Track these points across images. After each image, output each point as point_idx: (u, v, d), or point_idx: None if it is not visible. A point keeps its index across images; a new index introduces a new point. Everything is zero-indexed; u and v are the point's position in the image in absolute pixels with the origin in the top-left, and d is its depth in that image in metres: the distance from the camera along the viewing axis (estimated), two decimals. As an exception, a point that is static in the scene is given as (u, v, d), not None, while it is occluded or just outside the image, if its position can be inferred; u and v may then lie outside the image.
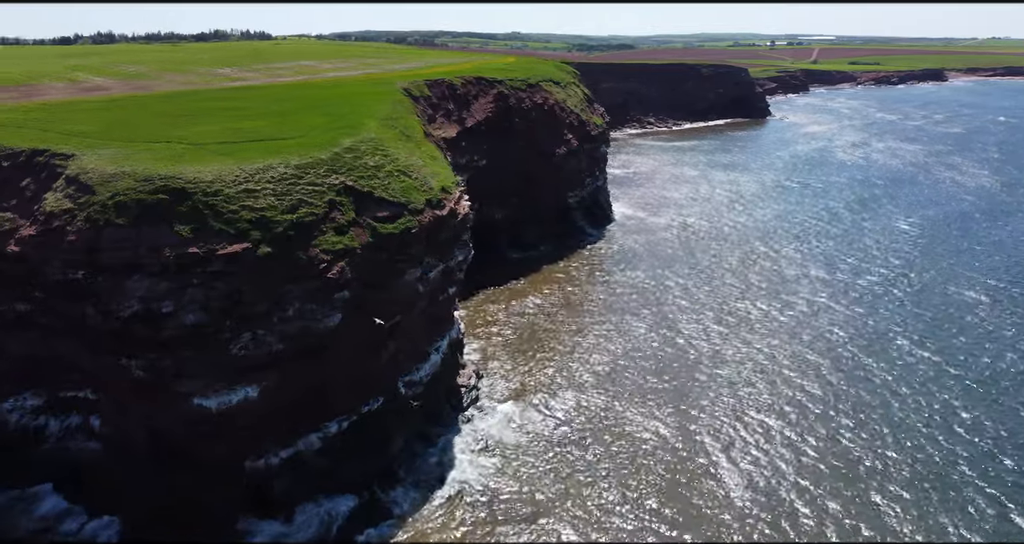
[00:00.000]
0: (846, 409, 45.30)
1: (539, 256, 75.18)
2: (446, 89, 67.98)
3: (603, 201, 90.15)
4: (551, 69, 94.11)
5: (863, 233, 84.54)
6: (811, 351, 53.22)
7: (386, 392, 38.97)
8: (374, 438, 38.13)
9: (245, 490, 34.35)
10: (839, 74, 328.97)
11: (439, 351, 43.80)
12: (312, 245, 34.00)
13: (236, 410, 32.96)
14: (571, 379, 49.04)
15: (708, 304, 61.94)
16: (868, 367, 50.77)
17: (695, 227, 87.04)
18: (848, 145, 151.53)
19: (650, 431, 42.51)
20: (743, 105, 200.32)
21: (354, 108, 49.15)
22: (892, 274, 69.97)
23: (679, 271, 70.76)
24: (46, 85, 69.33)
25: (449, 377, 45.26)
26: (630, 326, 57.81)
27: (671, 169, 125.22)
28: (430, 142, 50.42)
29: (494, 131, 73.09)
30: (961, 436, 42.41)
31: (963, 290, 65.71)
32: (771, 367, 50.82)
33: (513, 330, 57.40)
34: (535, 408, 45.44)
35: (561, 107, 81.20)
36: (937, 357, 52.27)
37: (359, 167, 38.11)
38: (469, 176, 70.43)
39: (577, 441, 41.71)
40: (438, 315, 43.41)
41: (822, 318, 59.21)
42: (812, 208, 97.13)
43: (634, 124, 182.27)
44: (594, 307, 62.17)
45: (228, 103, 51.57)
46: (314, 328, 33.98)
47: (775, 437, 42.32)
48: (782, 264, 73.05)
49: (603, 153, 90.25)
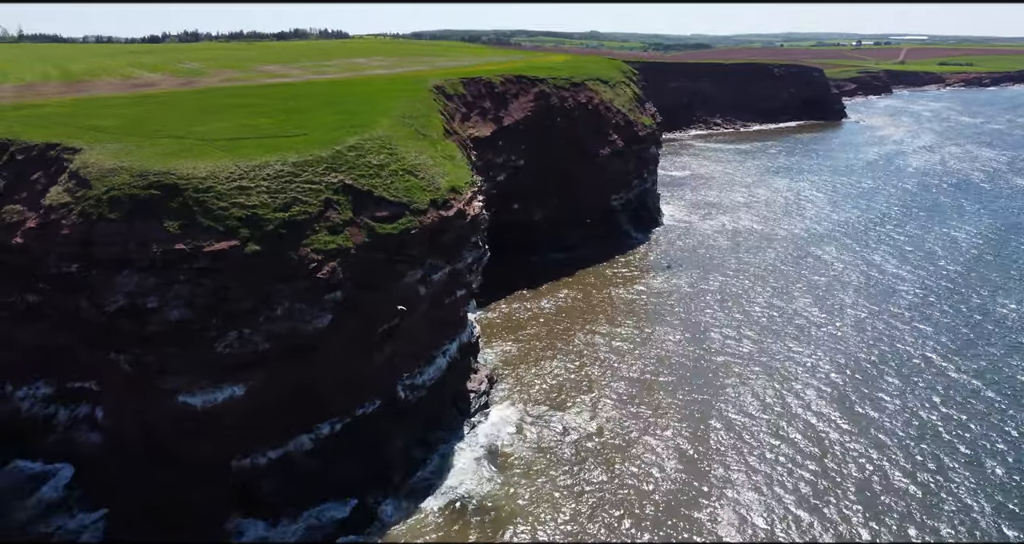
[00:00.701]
0: (892, 456, 42.20)
1: (579, 258, 73.38)
2: (483, 87, 67.00)
3: (651, 204, 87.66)
4: (602, 68, 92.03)
5: (924, 242, 79.64)
6: (854, 382, 49.95)
7: (383, 395, 38.19)
8: (369, 442, 37.40)
9: (232, 490, 34.04)
10: (926, 75, 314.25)
11: (446, 355, 42.80)
12: (303, 244, 33.45)
13: (222, 408, 32.67)
14: (590, 390, 47.27)
15: (746, 317, 58.91)
16: (917, 397, 47.31)
17: (745, 233, 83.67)
18: (921, 149, 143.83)
19: (666, 455, 39.81)
20: (816, 106, 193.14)
21: (372, 105, 48.62)
22: (944, 289, 65.44)
23: (720, 280, 67.91)
24: (101, 81, 71.49)
25: (457, 381, 44.21)
26: (660, 336, 55.60)
27: (730, 172, 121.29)
28: (451, 141, 49.46)
29: (534, 130, 71.75)
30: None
31: (1011, 304, 60.98)
32: (805, 394, 47.84)
33: (538, 334, 55.99)
34: (547, 418, 43.92)
35: (607, 106, 79.19)
36: (991, 387, 48.36)
37: (361, 166, 37.42)
38: (506, 176, 69.64)
39: (586, 459, 39.68)
40: (445, 318, 42.38)
41: (879, 346, 55.26)
42: (872, 215, 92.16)
43: (699, 125, 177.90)
44: (626, 313, 60.14)
45: (252, 99, 51.85)
46: (303, 328, 33.42)
47: (801, 472, 39.69)
48: (831, 276, 69.30)
49: (653, 154, 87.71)
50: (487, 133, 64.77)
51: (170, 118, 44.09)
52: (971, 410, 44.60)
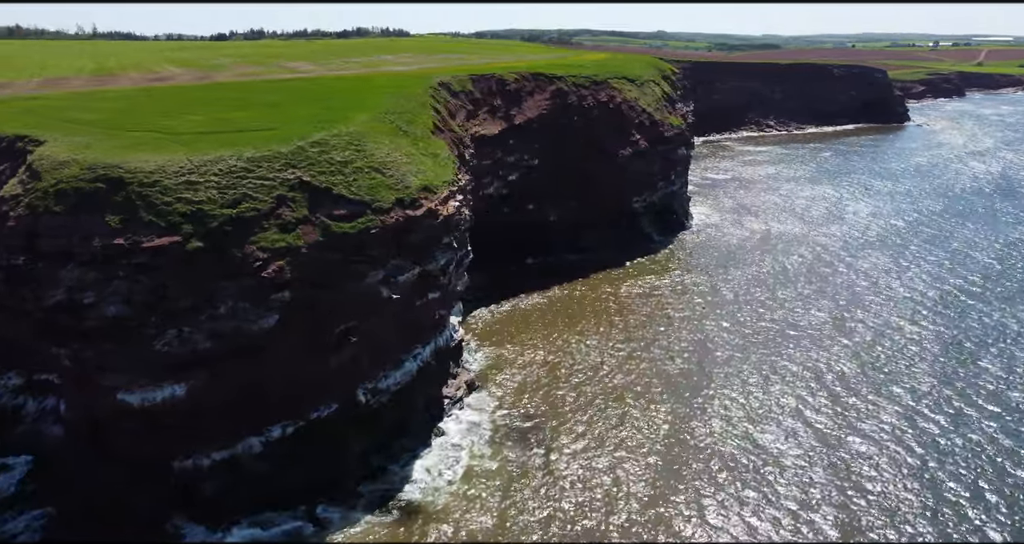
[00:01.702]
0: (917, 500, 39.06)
1: (595, 261, 70.95)
2: (495, 84, 65.43)
3: (677, 207, 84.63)
4: (634, 66, 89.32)
5: (966, 259, 74.71)
6: (874, 427, 46.69)
7: (342, 399, 37.03)
8: (324, 447, 36.29)
9: (173, 491, 33.33)
10: (1003, 77, 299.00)
11: (417, 359, 41.41)
12: (250, 242, 32.53)
13: (161, 408, 32.00)
14: (576, 402, 45.06)
15: (754, 331, 55.62)
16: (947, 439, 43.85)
17: (775, 241, 79.96)
18: (980, 156, 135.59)
19: (641, 481, 37.20)
20: (877, 109, 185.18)
21: (358, 101, 47.65)
22: (982, 312, 60.96)
23: (737, 289, 64.72)
24: (125, 75, 72.56)
25: (431, 386, 42.79)
26: (662, 346, 53.02)
27: (773, 176, 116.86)
28: (441, 138, 48.05)
29: (549, 129, 69.87)
30: None
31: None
32: (809, 446, 44.84)
33: (535, 338, 54.13)
34: (524, 430, 41.99)
35: (630, 106, 76.65)
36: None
37: (322, 162, 36.34)
38: (518, 175, 68.13)
39: (558, 478, 37.40)
40: (417, 321, 40.97)
41: (920, 379, 51.93)
42: (915, 226, 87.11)
43: (751, 126, 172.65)
44: (631, 321, 57.67)
45: (243, 94, 51.64)
46: (247, 328, 32.49)
47: (776, 511, 36.98)
48: (854, 291, 65.32)
49: (682, 156, 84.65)
50: (495, 131, 63.23)
51: (151, 111, 43.92)
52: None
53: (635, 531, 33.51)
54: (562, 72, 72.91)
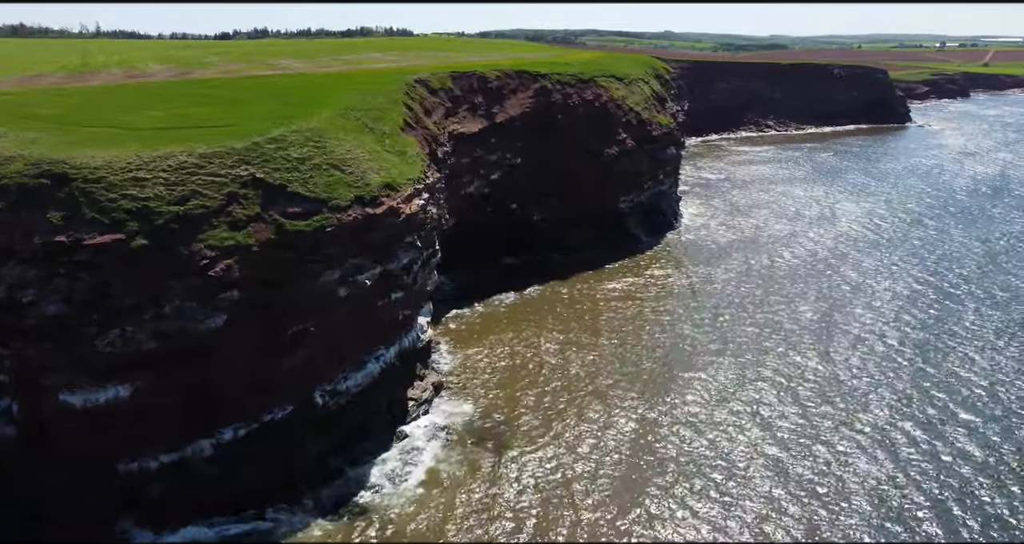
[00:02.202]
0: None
1: (579, 261, 69.86)
2: (476, 82, 64.61)
3: (666, 207, 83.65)
4: (624, 65, 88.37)
5: (953, 261, 73.58)
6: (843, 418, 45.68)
7: (297, 401, 36.24)
8: (279, 450, 35.52)
9: (119, 494, 32.60)
10: (1008, 78, 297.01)
11: (380, 360, 40.59)
12: (198, 240, 31.77)
13: (105, 409, 31.26)
14: (544, 407, 44.10)
15: (733, 337, 54.35)
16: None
17: (764, 242, 78.91)
18: (980, 158, 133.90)
19: (602, 499, 35.57)
20: (878, 109, 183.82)
21: (326, 97, 46.90)
22: (967, 330, 59.85)
23: (718, 291, 63.63)
24: (105, 72, 71.87)
25: (395, 389, 41.99)
26: (636, 349, 52.04)
27: (768, 176, 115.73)
28: (412, 136, 47.24)
29: (532, 127, 69.04)
30: None
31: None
32: (771, 424, 43.86)
33: (511, 338, 53.25)
34: (489, 434, 41.04)
35: (617, 104, 75.70)
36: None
37: (278, 158, 35.57)
38: (500, 174, 67.26)
39: (525, 486, 36.31)
40: (380, 321, 40.12)
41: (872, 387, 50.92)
42: (908, 229, 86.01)
43: (750, 127, 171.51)
44: (609, 322, 56.66)
45: (213, 90, 50.84)
46: (193, 328, 31.73)
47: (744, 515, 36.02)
48: (837, 296, 64.31)
49: (671, 156, 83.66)
50: (476, 129, 62.43)
51: (112, 107, 43.25)
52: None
53: (590, 538, 32.62)
54: (547, 70, 72.00)
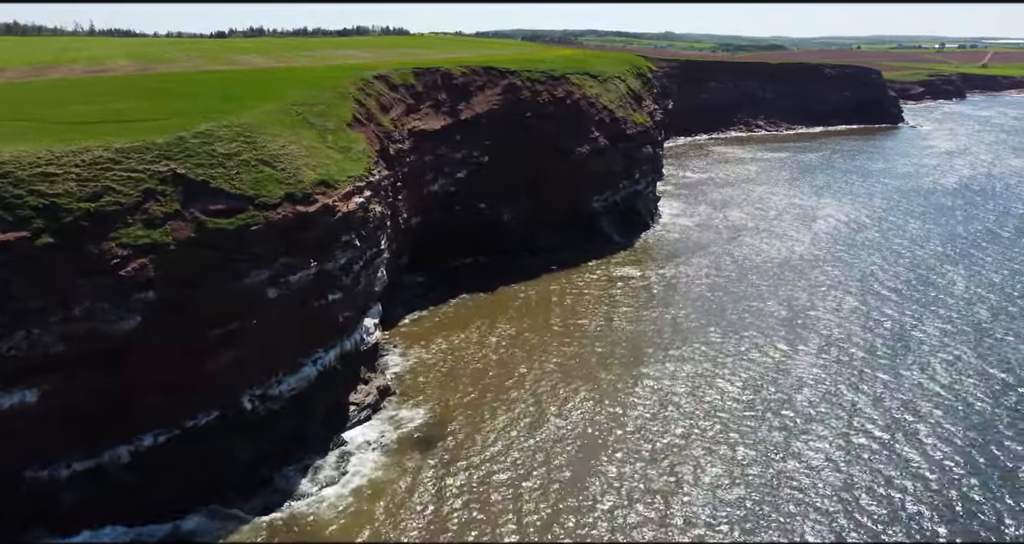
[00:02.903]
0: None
1: (549, 262, 68.52)
2: (440, 78, 63.28)
3: (642, 207, 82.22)
4: (602, 63, 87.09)
5: (931, 271, 72.18)
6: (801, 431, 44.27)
7: (224, 406, 34.90)
8: (204, 457, 34.17)
9: (28, 502, 31.25)
10: (1005, 79, 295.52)
11: (318, 363, 39.22)
12: (110, 238, 30.44)
13: (10, 415, 29.87)
14: (495, 413, 42.56)
15: (699, 350, 52.83)
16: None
17: (741, 244, 77.42)
18: (969, 160, 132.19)
19: (540, 511, 33.84)
20: (871, 110, 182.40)
21: (270, 91, 45.62)
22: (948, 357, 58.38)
23: (688, 298, 62.10)
24: (65, 66, 70.77)
25: (336, 393, 40.60)
26: (593, 359, 50.41)
27: (752, 177, 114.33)
28: (361, 132, 45.92)
29: (500, 125, 67.74)
30: None
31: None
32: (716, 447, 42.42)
33: (467, 341, 51.86)
34: (432, 440, 39.61)
35: (590, 102, 74.36)
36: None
37: (202, 154, 34.25)
38: (467, 172, 65.92)
39: (446, 499, 34.61)
40: (317, 323, 38.73)
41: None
42: (886, 232, 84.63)
43: (740, 127, 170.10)
44: (570, 328, 55.16)
45: (156, 84, 49.78)
46: (106, 330, 30.42)
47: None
48: (807, 302, 62.92)
49: (647, 155, 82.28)
50: (438, 126, 61.07)
51: (40, 102, 42.06)
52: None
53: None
54: (516, 67, 70.66)
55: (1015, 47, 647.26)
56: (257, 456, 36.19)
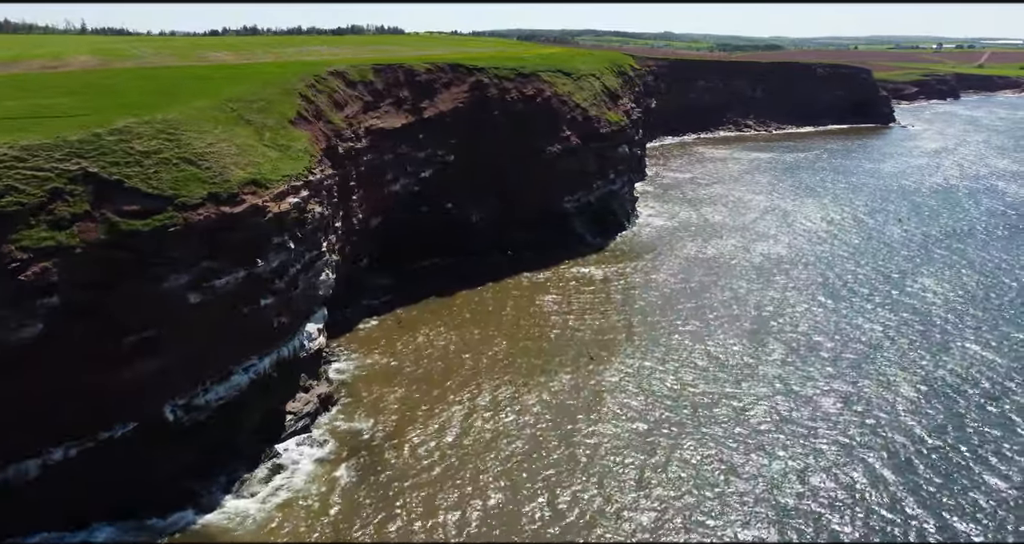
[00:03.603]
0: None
1: (517, 264, 66.85)
2: (402, 75, 61.56)
3: (617, 208, 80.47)
4: (578, 60, 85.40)
5: (906, 281, 70.57)
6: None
7: (143, 417, 33.18)
8: (120, 471, 32.46)
9: (-74, 519, 29.58)
10: (1001, 79, 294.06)
11: (250, 371, 37.51)
12: (10, 241, 28.73)
13: (-99, 427, 28.24)
14: (443, 425, 40.80)
15: (658, 359, 51.10)
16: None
17: (717, 248, 75.63)
18: (958, 162, 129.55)
19: (480, 537, 32.31)
20: (862, 110, 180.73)
21: (211, 87, 43.93)
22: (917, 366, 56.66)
23: (655, 304, 60.20)
24: (25, 62, 69.03)
25: (271, 402, 38.89)
26: (552, 369, 48.45)
27: (736, 177, 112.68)
28: (306, 130, 44.22)
29: (467, 124, 66.05)
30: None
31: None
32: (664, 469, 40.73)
33: (423, 348, 50.16)
34: (375, 457, 37.73)
35: (562, 100, 72.66)
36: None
37: (118, 151, 32.54)
38: (432, 172, 64.21)
39: (380, 520, 32.71)
40: (249, 329, 37.01)
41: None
42: (867, 239, 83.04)
43: (729, 126, 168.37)
44: (531, 334, 53.33)
45: (100, 79, 48.00)
46: (5, 338, 28.68)
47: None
48: (789, 315, 61.23)
49: (623, 154, 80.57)
50: (398, 124, 59.34)
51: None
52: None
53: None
54: (485, 64, 68.95)
55: (1012, 47, 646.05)
56: (180, 469, 34.46)
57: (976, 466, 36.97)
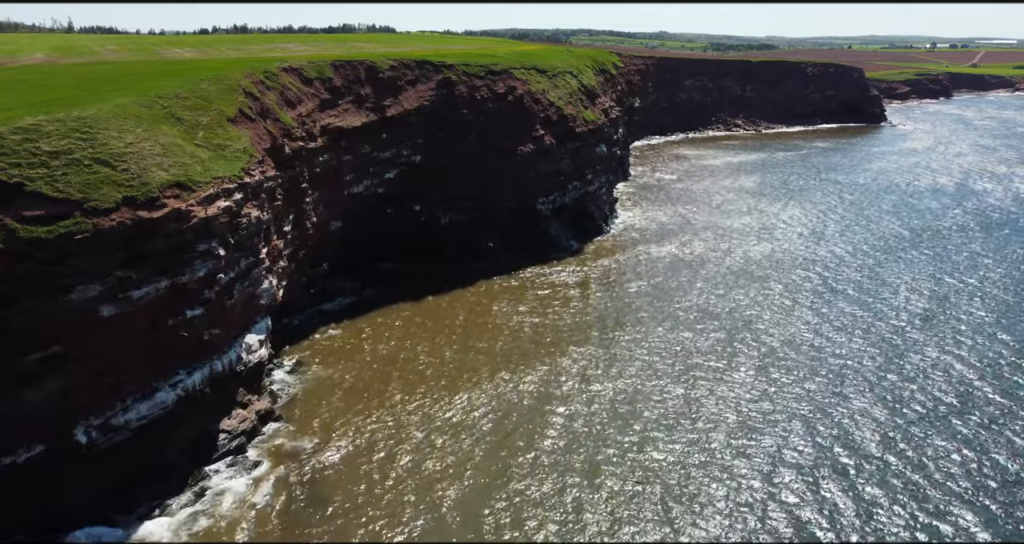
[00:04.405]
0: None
1: (488, 269, 64.31)
2: (364, 71, 58.96)
3: (595, 209, 77.95)
4: (555, 57, 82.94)
5: (881, 288, 68.25)
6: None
7: (52, 438, 30.59)
8: (27, 499, 29.89)
9: None
10: (993, 79, 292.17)
11: (177, 388, 34.94)
12: None
13: None
14: (388, 446, 38.40)
15: (613, 376, 48.97)
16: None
17: (695, 254, 73.30)
18: (948, 163, 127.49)
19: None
20: (852, 109, 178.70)
21: (138, 83, 41.33)
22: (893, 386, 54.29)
23: (626, 313, 57.84)
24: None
25: (202, 420, 36.34)
26: (509, 385, 46.23)
27: (721, 179, 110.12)
28: (248, 129, 41.62)
29: (434, 122, 63.55)
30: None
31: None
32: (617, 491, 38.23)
33: (378, 360, 47.64)
34: (311, 479, 35.31)
35: (535, 98, 70.14)
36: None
37: (22, 152, 29.94)
38: (397, 173, 61.66)
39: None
40: (175, 343, 34.45)
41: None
42: (847, 244, 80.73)
43: (718, 126, 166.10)
44: (493, 347, 50.62)
45: (39, 76, 45.46)
46: None
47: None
48: (762, 331, 58.79)
49: (601, 154, 78.13)
50: (358, 123, 56.76)
51: None
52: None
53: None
54: (453, 61, 66.40)
55: (1006, 47, 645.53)
56: (98, 494, 31.92)
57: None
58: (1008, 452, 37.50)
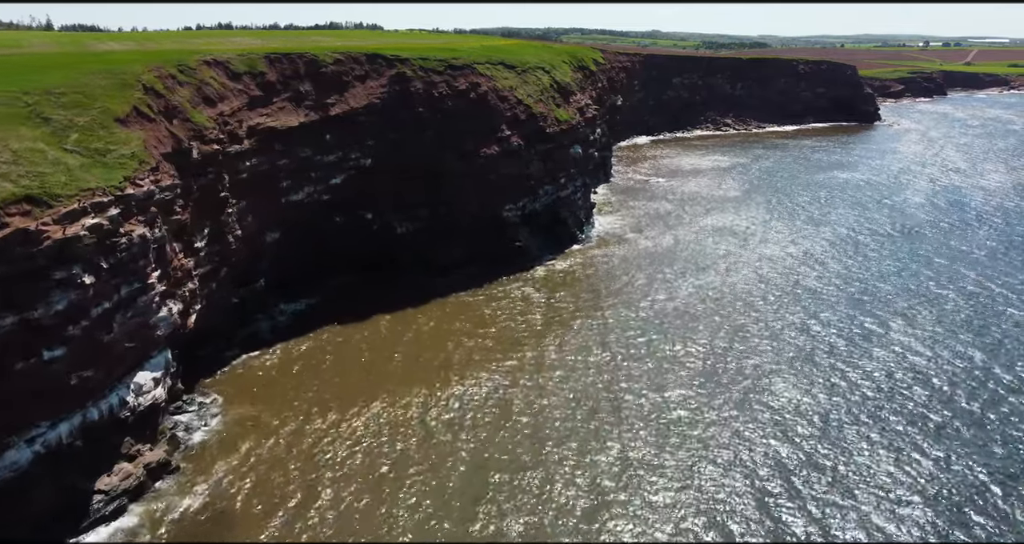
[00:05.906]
0: None
1: (448, 284, 58.26)
2: (303, 66, 52.96)
3: (568, 217, 71.94)
4: (527, 52, 77.07)
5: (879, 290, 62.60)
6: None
7: None
8: None
9: None
10: (987, 77, 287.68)
11: (36, 443, 28.92)
12: None
13: None
14: (304, 505, 32.63)
15: (576, 408, 43.23)
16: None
17: (675, 264, 67.40)
18: (938, 164, 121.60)
19: None
20: (845, 108, 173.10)
21: (19, 76, 35.36)
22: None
23: (600, 335, 51.76)
24: None
25: (71, 479, 30.27)
26: (450, 430, 40.57)
27: (707, 182, 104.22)
28: (143, 130, 35.55)
29: (387, 122, 57.66)
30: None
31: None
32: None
33: (305, 394, 41.66)
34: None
35: (501, 96, 64.17)
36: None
37: None
38: (344, 178, 55.63)
39: None
40: (33, 389, 28.41)
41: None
42: (829, 253, 75.14)
43: (707, 125, 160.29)
44: (445, 379, 44.79)
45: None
46: None
47: None
48: (738, 357, 53.05)
49: (575, 157, 72.20)
50: (295, 123, 50.73)
51: None
52: None
53: None
54: (408, 55, 60.38)
55: (999, 46, 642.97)
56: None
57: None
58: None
